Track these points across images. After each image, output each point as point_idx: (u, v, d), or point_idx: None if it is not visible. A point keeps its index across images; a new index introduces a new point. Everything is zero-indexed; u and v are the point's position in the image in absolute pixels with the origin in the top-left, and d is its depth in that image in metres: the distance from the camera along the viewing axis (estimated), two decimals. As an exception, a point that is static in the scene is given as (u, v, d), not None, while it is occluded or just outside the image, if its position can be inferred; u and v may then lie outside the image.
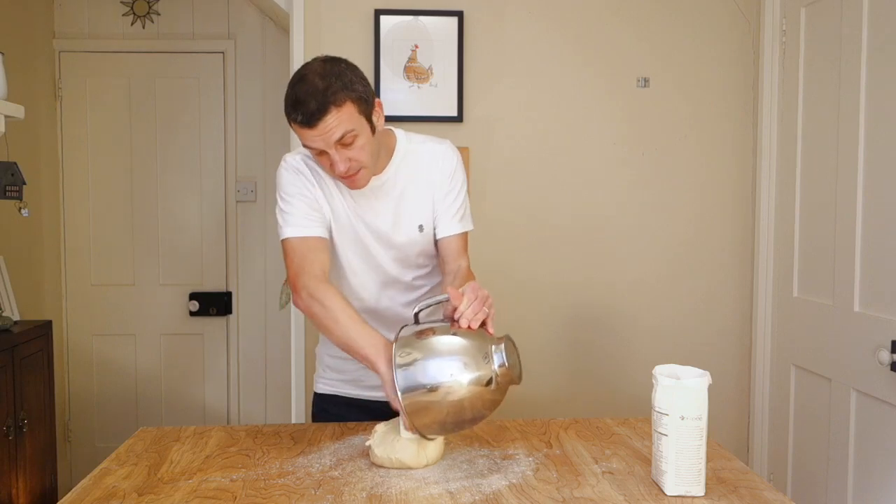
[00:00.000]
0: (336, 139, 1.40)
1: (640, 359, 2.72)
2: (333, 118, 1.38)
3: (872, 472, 2.04)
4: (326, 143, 1.40)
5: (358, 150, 1.43)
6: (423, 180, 1.60)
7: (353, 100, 1.40)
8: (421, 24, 2.62)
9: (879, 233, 2.02)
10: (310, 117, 1.37)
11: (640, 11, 2.69)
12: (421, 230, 1.61)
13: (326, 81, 1.38)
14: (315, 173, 1.57)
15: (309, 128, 1.38)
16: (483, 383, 1.28)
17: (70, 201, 3.49)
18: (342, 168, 1.43)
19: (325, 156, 1.44)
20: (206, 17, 3.49)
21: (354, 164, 1.44)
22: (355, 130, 1.41)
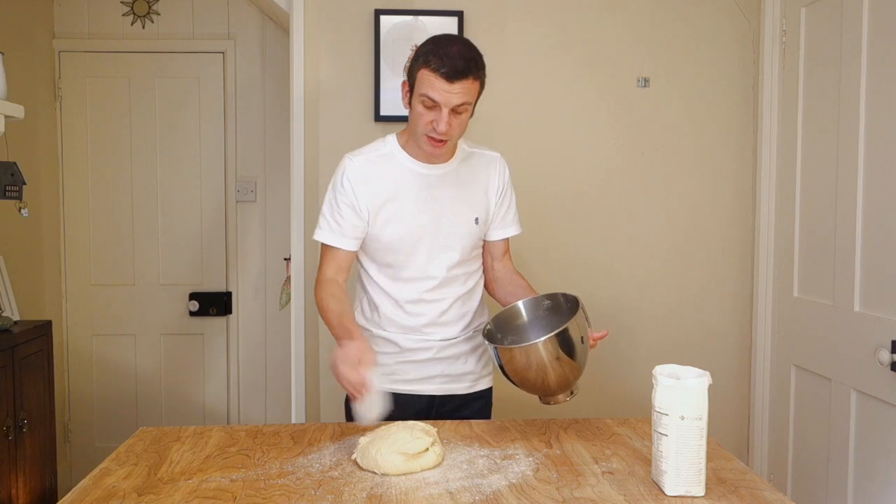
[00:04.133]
0: (458, 103, 1.54)
1: (640, 359, 2.72)
2: (469, 85, 1.54)
3: (872, 472, 2.04)
4: (449, 101, 1.53)
5: (460, 123, 1.59)
6: (481, 180, 1.75)
7: (481, 81, 1.60)
8: (421, 24, 2.62)
9: (879, 233, 2.02)
10: (454, 73, 1.51)
11: (640, 11, 2.69)
12: (477, 223, 1.73)
13: (475, 52, 1.59)
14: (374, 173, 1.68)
15: (448, 81, 1.51)
16: None
17: (70, 201, 3.48)
18: (444, 129, 1.55)
19: (434, 111, 1.55)
20: (206, 17, 3.49)
21: (451, 133, 1.57)
22: (470, 106, 1.59)
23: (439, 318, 1.74)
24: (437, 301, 1.73)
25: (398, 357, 1.76)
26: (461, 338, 1.79)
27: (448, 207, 1.70)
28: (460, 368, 1.80)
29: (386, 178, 1.68)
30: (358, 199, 1.66)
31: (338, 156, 2.70)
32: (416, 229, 1.68)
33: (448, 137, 1.58)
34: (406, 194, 1.68)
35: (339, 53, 2.63)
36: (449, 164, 1.72)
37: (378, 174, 1.68)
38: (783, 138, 2.55)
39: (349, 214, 1.67)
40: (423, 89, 1.54)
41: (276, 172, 3.50)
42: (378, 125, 2.64)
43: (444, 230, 1.69)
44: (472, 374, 1.83)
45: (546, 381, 1.51)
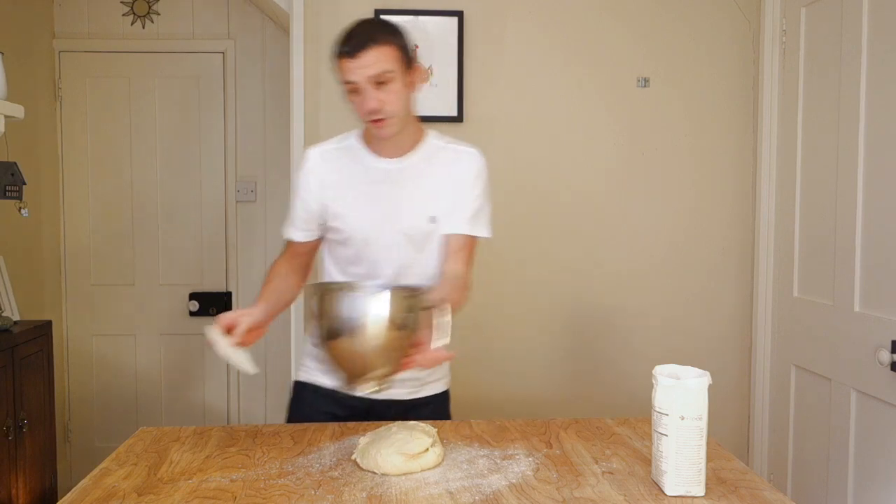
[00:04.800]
0: (372, 74, 1.48)
1: (640, 359, 2.72)
2: (377, 53, 1.48)
3: (872, 472, 2.04)
4: (363, 77, 1.48)
5: (391, 94, 1.51)
6: (446, 177, 1.66)
7: (395, 45, 1.51)
8: (421, 24, 2.62)
9: (879, 233, 2.02)
10: (355, 47, 1.48)
11: (640, 11, 2.69)
12: (432, 221, 1.64)
13: (375, 25, 1.59)
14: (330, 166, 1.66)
15: (351, 58, 1.48)
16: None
17: (70, 201, 3.48)
18: (372, 104, 1.49)
19: (358, 93, 1.51)
20: (206, 17, 3.49)
21: (385, 109, 1.51)
22: (392, 73, 1.50)
23: None
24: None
25: None
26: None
27: (403, 203, 1.63)
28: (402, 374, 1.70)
29: (342, 170, 1.66)
30: (311, 192, 1.66)
31: (338, 156, 2.70)
32: (367, 223, 1.64)
33: (385, 113, 1.52)
34: (360, 188, 1.64)
35: (339, 53, 2.63)
36: (408, 159, 1.65)
37: (334, 167, 1.66)
38: (783, 138, 2.55)
39: (302, 207, 1.68)
40: (341, 77, 1.52)
41: (276, 172, 3.50)
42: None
43: (396, 227, 1.63)
44: (416, 379, 1.72)
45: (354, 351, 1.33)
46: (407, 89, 1.55)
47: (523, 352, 2.73)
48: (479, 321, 2.72)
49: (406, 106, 1.57)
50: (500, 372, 2.74)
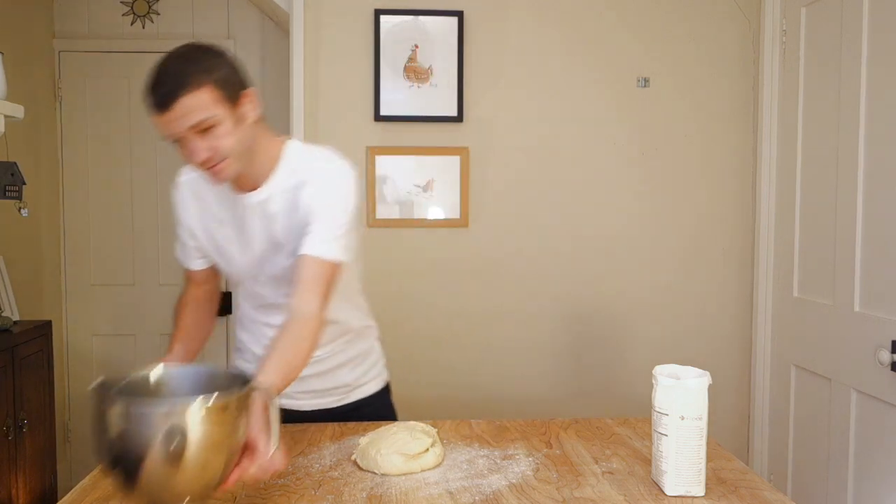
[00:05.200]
0: (191, 125, 1.28)
1: (641, 359, 2.73)
2: (188, 101, 1.27)
3: (872, 472, 2.04)
4: (181, 128, 1.29)
5: (219, 139, 1.31)
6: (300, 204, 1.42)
7: (212, 84, 1.29)
8: (421, 24, 2.62)
9: (879, 233, 2.01)
10: (163, 98, 1.27)
11: (641, 11, 2.69)
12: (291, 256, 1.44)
13: (182, 64, 1.30)
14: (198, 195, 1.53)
15: (162, 111, 1.28)
16: None
17: (70, 201, 3.48)
18: (202, 156, 1.31)
19: (184, 145, 1.32)
20: (206, 17, 3.48)
21: (216, 155, 1.32)
22: (214, 117, 1.30)
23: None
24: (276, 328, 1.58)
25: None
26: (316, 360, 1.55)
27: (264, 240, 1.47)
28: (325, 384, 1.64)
29: (211, 201, 1.51)
30: (189, 222, 1.55)
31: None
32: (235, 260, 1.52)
33: (215, 160, 1.32)
34: (226, 222, 1.50)
35: (339, 53, 2.63)
36: (264, 189, 1.44)
37: (203, 196, 1.52)
38: (783, 138, 2.55)
39: (185, 236, 1.58)
40: (159, 131, 1.32)
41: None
42: (378, 125, 2.64)
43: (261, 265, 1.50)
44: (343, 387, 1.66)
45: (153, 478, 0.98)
46: (239, 125, 1.34)
47: (523, 352, 2.73)
48: (478, 321, 2.72)
49: (243, 142, 1.35)
50: (500, 372, 2.74)
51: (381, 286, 2.70)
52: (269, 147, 1.44)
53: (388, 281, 2.69)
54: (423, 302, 2.70)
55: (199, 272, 1.62)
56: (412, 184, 2.67)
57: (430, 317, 2.71)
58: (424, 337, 2.71)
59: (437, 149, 2.66)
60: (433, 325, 2.71)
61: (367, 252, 2.68)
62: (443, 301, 2.71)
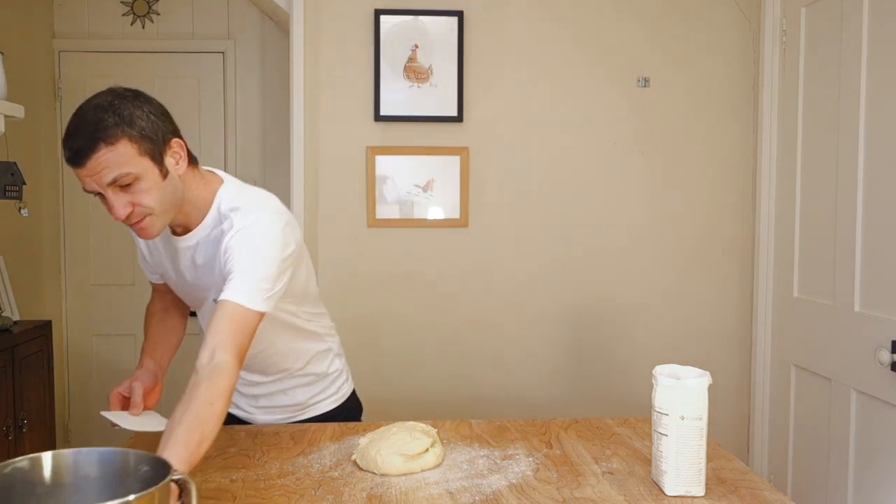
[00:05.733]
0: (108, 181, 1.21)
1: (641, 359, 2.72)
2: (104, 156, 1.19)
3: (872, 472, 2.04)
4: (99, 184, 1.21)
5: (141, 195, 1.24)
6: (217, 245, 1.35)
7: (130, 137, 1.21)
8: (421, 24, 2.62)
9: (879, 233, 2.01)
10: (76, 154, 1.19)
11: (641, 11, 2.69)
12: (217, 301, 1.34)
13: (100, 115, 1.20)
14: None
15: (77, 166, 1.20)
16: None
17: (70, 201, 3.48)
18: (121, 212, 1.24)
19: (104, 199, 1.25)
20: (206, 17, 3.48)
21: (138, 210, 1.25)
22: (134, 172, 1.22)
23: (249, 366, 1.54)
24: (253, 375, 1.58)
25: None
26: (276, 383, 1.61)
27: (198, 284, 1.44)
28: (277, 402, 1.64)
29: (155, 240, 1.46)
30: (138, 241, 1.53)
31: (338, 156, 2.72)
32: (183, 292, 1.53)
33: (139, 215, 1.26)
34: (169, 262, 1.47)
35: (339, 53, 2.63)
36: (196, 234, 1.38)
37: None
38: (783, 138, 2.55)
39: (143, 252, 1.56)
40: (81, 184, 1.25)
41: (275, 172, 3.50)
42: (378, 125, 2.64)
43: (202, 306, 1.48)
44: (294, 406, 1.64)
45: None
46: (163, 178, 1.27)
47: (523, 351, 2.73)
48: (479, 320, 2.72)
49: (168, 197, 1.28)
50: (500, 372, 2.74)
51: (381, 286, 2.70)
52: (201, 193, 1.37)
53: (388, 280, 2.69)
54: (423, 302, 2.70)
55: (161, 284, 1.63)
56: (412, 184, 2.67)
57: (430, 316, 2.71)
58: (424, 336, 2.71)
59: (437, 149, 2.66)
60: (433, 324, 2.71)
61: (367, 252, 2.69)
62: (443, 301, 2.71)
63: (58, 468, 0.97)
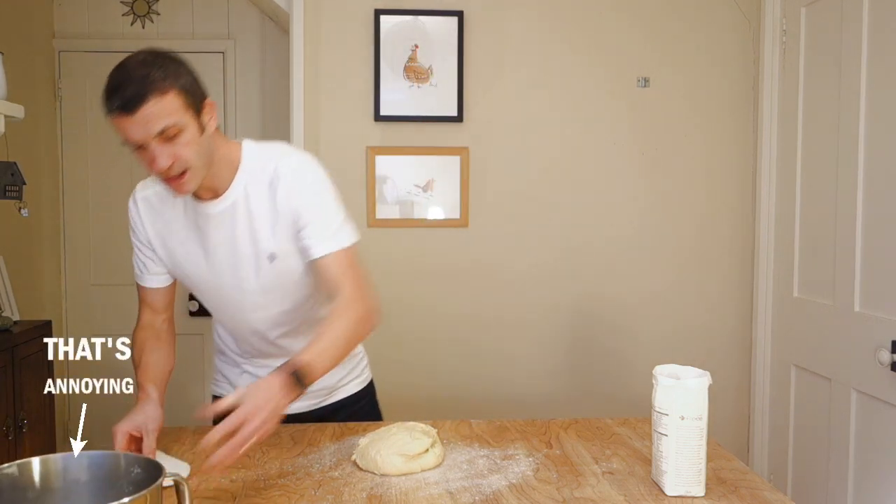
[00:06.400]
0: (157, 130, 1.25)
1: (641, 359, 2.72)
2: (155, 105, 1.24)
3: (872, 472, 2.04)
4: (147, 134, 1.25)
5: (183, 147, 1.28)
6: (272, 204, 1.39)
7: (178, 90, 1.28)
8: (421, 24, 2.62)
9: (879, 233, 2.01)
10: (128, 102, 1.23)
11: (641, 11, 2.69)
12: (272, 259, 1.41)
13: (148, 68, 1.27)
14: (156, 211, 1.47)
15: (127, 114, 1.24)
16: None
17: (70, 201, 3.48)
18: (164, 163, 1.27)
19: (145, 151, 1.27)
20: (206, 17, 3.48)
21: (179, 163, 1.28)
22: (180, 124, 1.27)
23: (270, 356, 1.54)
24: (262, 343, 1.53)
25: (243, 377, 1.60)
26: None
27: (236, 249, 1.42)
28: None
29: (171, 217, 1.46)
30: (148, 239, 1.48)
31: (338, 155, 2.72)
32: (207, 275, 1.45)
33: (178, 168, 1.29)
34: (191, 238, 1.44)
35: (340, 53, 2.63)
36: (228, 196, 1.40)
37: (162, 213, 1.47)
38: (783, 138, 2.55)
39: (142, 253, 1.50)
40: (121, 136, 1.28)
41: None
42: (378, 125, 2.64)
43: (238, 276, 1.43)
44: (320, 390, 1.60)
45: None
46: (201, 134, 1.32)
47: (523, 351, 2.73)
48: (479, 321, 2.72)
49: (205, 152, 1.33)
50: (499, 372, 2.74)
51: (380, 286, 2.68)
52: (227, 153, 1.40)
53: (388, 281, 2.68)
54: (422, 302, 2.70)
55: (157, 294, 1.52)
56: (412, 184, 2.67)
57: (429, 316, 2.71)
58: (424, 336, 2.71)
59: (437, 149, 2.66)
60: (433, 324, 2.71)
61: (366, 252, 2.68)
62: (443, 301, 2.71)
63: (47, 473, 0.96)
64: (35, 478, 0.96)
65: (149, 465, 0.95)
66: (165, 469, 0.92)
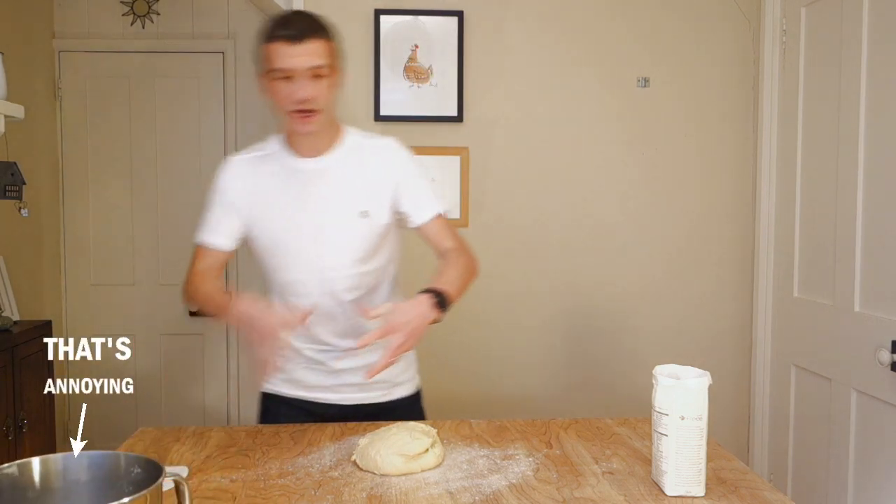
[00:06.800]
0: (313, 65, 1.45)
1: (641, 359, 2.72)
2: (319, 44, 1.46)
3: (872, 472, 2.04)
4: (302, 64, 1.44)
5: (324, 89, 1.48)
6: (371, 171, 1.60)
7: (336, 44, 1.52)
8: (421, 24, 2.61)
9: (879, 233, 2.01)
10: (298, 33, 1.44)
11: (641, 11, 2.69)
12: (364, 216, 1.58)
13: (318, 18, 1.52)
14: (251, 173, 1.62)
15: (293, 42, 1.43)
16: None
17: (70, 201, 3.48)
18: (306, 94, 1.45)
19: (290, 82, 1.45)
20: (206, 17, 3.48)
21: (315, 101, 1.47)
22: (329, 68, 1.48)
23: (337, 327, 1.62)
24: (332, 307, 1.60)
25: (301, 363, 1.65)
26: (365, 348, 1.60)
27: (330, 203, 1.58)
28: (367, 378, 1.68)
29: (264, 177, 1.61)
30: (234, 199, 1.61)
31: (338, 156, 2.70)
32: (295, 228, 1.58)
33: (315, 105, 1.47)
34: (284, 192, 1.59)
35: (339, 53, 2.63)
36: (330, 157, 1.59)
37: (255, 173, 1.62)
38: (783, 138, 2.55)
39: (222, 213, 1.63)
40: (274, 63, 1.45)
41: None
42: (378, 125, 2.64)
43: (327, 229, 1.57)
44: (383, 382, 1.66)
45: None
46: (336, 88, 1.53)
47: (523, 352, 2.73)
48: (478, 321, 2.72)
49: (332, 104, 1.54)
50: (500, 372, 2.74)
51: (381, 286, 2.69)
52: (335, 122, 1.61)
53: (388, 281, 2.69)
54: (423, 302, 2.70)
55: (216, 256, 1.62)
56: (412, 184, 2.66)
57: (430, 317, 2.70)
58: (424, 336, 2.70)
59: (437, 149, 2.66)
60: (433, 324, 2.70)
61: (367, 252, 2.69)
62: (443, 301, 2.70)
63: (47, 473, 0.96)
64: (35, 478, 0.95)
65: (149, 466, 0.95)
66: (165, 469, 0.92)
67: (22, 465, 0.95)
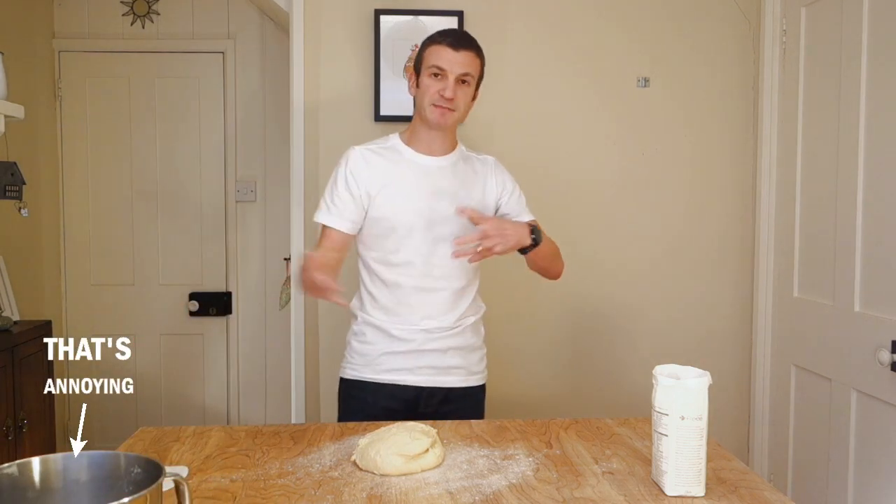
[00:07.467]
0: (463, 72, 1.72)
1: (640, 359, 2.72)
2: (472, 57, 1.75)
3: (872, 472, 2.04)
4: (455, 69, 1.71)
5: (465, 95, 1.75)
6: (478, 180, 1.85)
7: (483, 65, 1.80)
8: (421, 24, 2.61)
9: (879, 233, 2.01)
10: (460, 41, 1.73)
11: (641, 11, 2.69)
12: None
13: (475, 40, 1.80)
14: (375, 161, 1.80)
15: (454, 48, 1.71)
16: None
17: (70, 201, 3.48)
18: (451, 93, 1.71)
19: (441, 80, 1.72)
20: (206, 17, 3.49)
21: (455, 102, 1.73)
22: (474, 80, 1.76)
23: (429, 309, 1.80)
24: (430, 291, 1.80)
25: (385, 346, 1.81)
26: (450, 331, 1.84)
27: (445, 199, 1.77)
28: (448, 361, 1.84)
29: (386, 166, 1.79)
30: (358, 184, 1.76)
31: (338, 155, 2.70)
32: (411, 214, 1.76)
33: (454, 106, 1.72)
34: (404, 181, 1.78)
35: (340, 53, 2.63)
36: (448, 158, 1.83)
37: (379, 162, 1.79)
38: (783, 138, 2.55)
39: (347, 197, 1.76)
40: (432, 61, 1.72)
41: (276, 172, 3.50)
42: (378, 125, 2.64)
43: (439, 221, 1.76)
44: (461, 368, 1.87)
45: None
46: (472, 99, 1.79)
47: (523, 352, 2.73)
48: (479, 321, 2.72)
49: (465, 111, 1.78)
50: (499, 372, 2.73)
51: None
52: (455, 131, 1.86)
53: (388, 281, 2.68)
54: (423, 302, 2.70)
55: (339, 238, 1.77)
56: (412, 184, 2.67)
57: (430, 317, 2.70)
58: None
59: (437, 149, 2.65)
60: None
61: (367, 252, 2.68)
62: (443, 301, 2.70)
63: (47, 473, 0.96)
64: (35, 478, 0.95)
65: (149, 465, 0.95)
66: (165, 469, 0.92)
67: (22, 465, 0.95)
